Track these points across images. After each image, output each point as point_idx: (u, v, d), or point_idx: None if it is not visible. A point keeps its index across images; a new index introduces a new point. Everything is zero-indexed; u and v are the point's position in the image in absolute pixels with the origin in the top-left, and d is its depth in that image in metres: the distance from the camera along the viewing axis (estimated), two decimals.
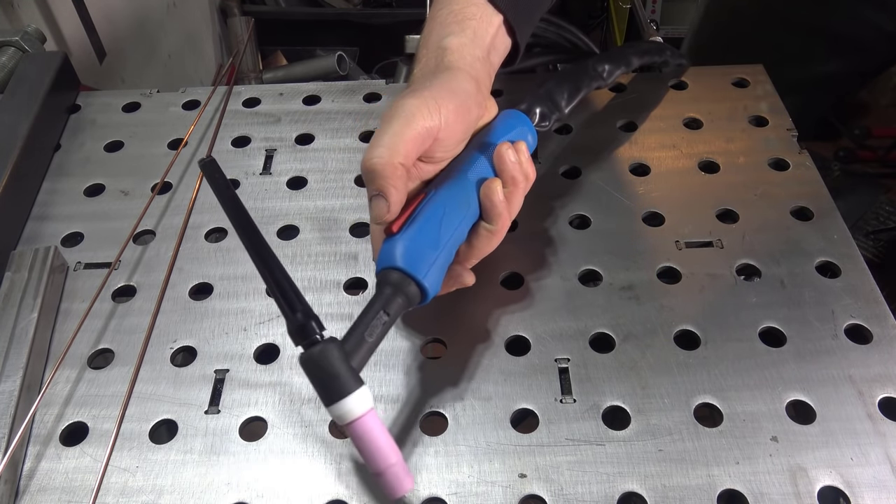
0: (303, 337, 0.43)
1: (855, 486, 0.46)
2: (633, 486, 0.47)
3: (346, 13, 1.78)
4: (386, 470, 0.43)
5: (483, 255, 0.51)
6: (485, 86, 0.52)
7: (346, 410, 0.42)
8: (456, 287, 0.52)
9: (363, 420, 0.42)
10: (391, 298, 0.46)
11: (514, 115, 0.56)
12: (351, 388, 0.42)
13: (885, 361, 0.52)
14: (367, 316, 0.45)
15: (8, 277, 0.58)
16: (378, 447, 0.43)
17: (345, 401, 0.42)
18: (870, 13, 0.87)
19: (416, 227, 0.47)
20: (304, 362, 0.43)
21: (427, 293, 0.47)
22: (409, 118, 0.46)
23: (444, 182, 0.50)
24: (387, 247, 0.47)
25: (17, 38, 0.77)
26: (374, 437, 0.43)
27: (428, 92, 0.48)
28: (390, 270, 0.46)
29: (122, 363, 0.55)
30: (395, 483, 0.43)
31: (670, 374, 0.52)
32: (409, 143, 0.46)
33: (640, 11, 1.55)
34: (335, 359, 0.42)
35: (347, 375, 0.42)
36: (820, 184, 0.65)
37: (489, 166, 0.51)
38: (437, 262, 0.47)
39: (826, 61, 0.93)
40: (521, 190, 0.51)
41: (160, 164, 0.69)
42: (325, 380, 0.42)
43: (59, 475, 0.49)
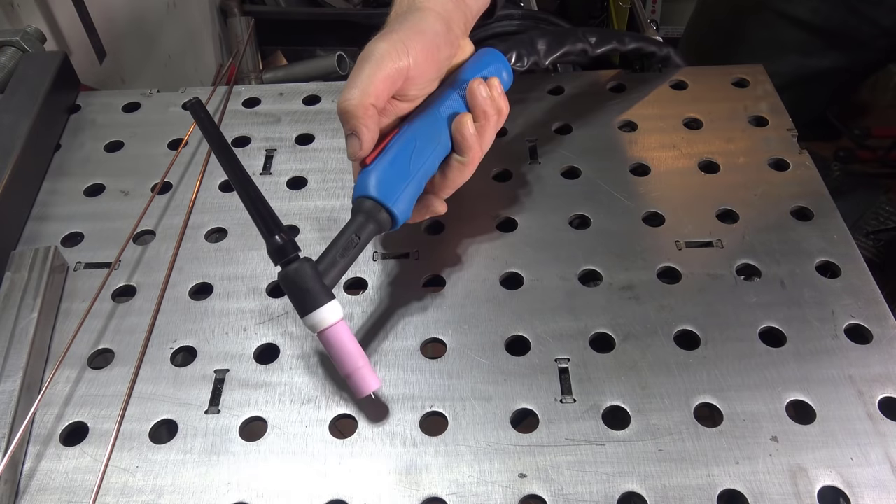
0: (281, 256, 0.49)
1: (855, 486, 0.46)
2: (633, 486, 0.47)
3: (346, 13, 1.78)
4: (354, 372, 0.49)
5: (456, 186, 0.55)
6: (457, 26, 0.54)
7: (318, 320, 0.48)
8: (428, 215, 0.56)
9: (333, 329, 0.49)
10: (364, 224, 0.51)
11: (489, 52, 0.59)
12: (322, 301, 0.48)
13: (885, 361, 0.52)
14: (340, 239, 0.50)
15: (8, 277, 0.58)
16: (347, 352, 0.49)
17: (317, 311, 0.48)
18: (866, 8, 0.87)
19: (388, 160, 0.52)
20: (282, 279, 0.49)
21: (397, 219, 0.52)
22: (378, 60, 0.50)
23: (416, 117, 0.54)
24: (361, 178, 0.51)
25: (17, 38, 0.77)
26: (343, 343, 0.49)
27: (396, 34, 0.51)
28: (363, 199, 0.51)
29: (122, 363, 0.55)
30: (362, 383, 0.49)
31: (670, 374, 0.52)
32: (379, 85, 0.50)
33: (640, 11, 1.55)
34: (309, 276, 0.48)
35: (319, 290, 0.48)
36: (820, 184, 0.65)
37: (462, 102, 0.54)
38: (407, 191, 0.52)
39: (823, 56, 0.93)
40: (493, 124, 0.54)
41: (160, 164, 0.69)
42: (299, 294, 0.48)
43: (59, 475, 0.49)
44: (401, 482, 0.48)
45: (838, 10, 0.89)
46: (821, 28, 0.91)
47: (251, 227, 0.63)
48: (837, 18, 0.90)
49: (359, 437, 0.50)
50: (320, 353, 0.55)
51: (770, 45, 0.94)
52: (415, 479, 0.48)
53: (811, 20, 0.90)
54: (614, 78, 0.76)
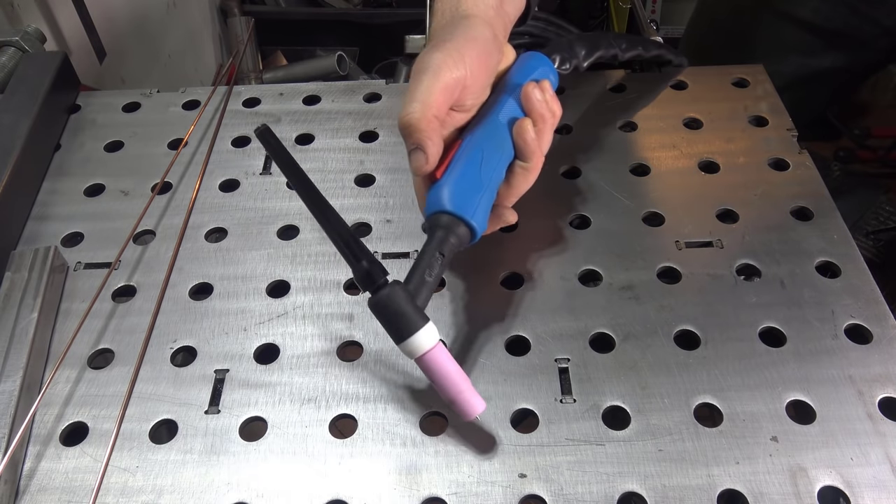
0: (370, 282, 0.47)
1: (855, 486, 0.46)
2: (633, 486, 0.47)
3: (346, 13, 1.78)
4: (458, 395, 0.47)
5: (521, 192, 0.54)
6: (500, 32, 0.54)
7: (416, 346, 0.46)
8: (500, 225, 0.55)
9: (433, 353, 0.47)
10: (444, 239, 0.49)
11: (535, 56, 0.58)
12: (419, 325, 0.46)
13: (885, 361, 0.52)
14: (424, 258, 0.49)
15: (8, 277, 0.58)
16: (448, 376, 0.47)
17: (414, 337, 0.46)
18: (867, 8, 0.87)
19: (458, 172, 0.50)
20: (374, 305, 0.47)
21: (476, 232, 0.50)
22: (436, 71, 0.49)
23: (477, 127, 0.53)
24: (434, 192, 0.50)
25: (17, 38, 0.77)
26: (443, 367, 0.47)
27: (450, 44, 0.50)
28: (440, 214, 0.50)
29: (122, 363, 0.55)
30: (467, 407, 0.47)
31: (670, 374, 0.52)
32: (439, 96, 0.49)
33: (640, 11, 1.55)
34: (401, 299, 0.46)
35: (414, 314, 0.46)
36: (820, 184, 0.65)
37: (517, 107, 0.53)
38: (482, 202, 0.51)
39: (823, 56, 0.93)
40: (550, 126, 0.53)
41: (160, 164, 0.69)
42: (394, 319, 0.47)
43: (59, 475, 0.49)
44: (401, 482, 0.48)
45: (839, 10, 0.89)
46: (821, 28, 0.91)
47: (251, 226, 0.64)
48: (838, 18, 0.90)
49: (359, 437, 0.50)
50: (320, 353, 0.55)
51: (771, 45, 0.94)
52: (415, 479, 0.48)
53: (812, 20, 0.90)
54: (614, 78, 0.76)
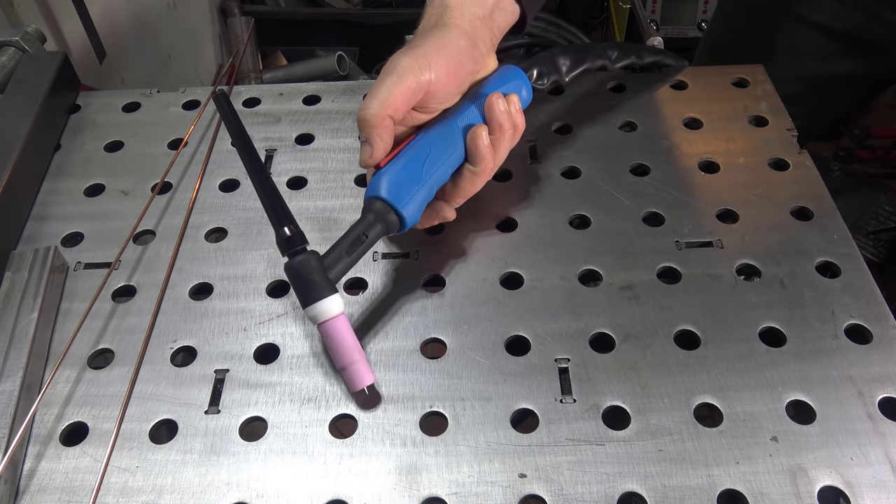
0: (288, 247, 0.50)
1: (855, 486, 0.46)
2: (633, 486, 0.47)
3: (346, 13, 1.78)
4: (349, 365, 0.50)
5: (466, 195, 0.56)
6: (483, 43, 0.56)
7: (319, 311, 0.49)
8: (437, 221, 0.57)
9: (333, 321, 0.50)
10: (372, 223, 0.52)
11: (511, 69, 0.60)
12: (325, 294, 0.49)
13: (885, 361, 0.52)
14: (347, 236, 0.51)
15: (8, 277, 0.58)
16: (344, 345, 0.50)
17: (319, 303, 0.49)
18: (886, 13, 0.86)
19: (401, 164, 0.53)
20: (287, 269, 0.50)
21: (405, 222, 0.53)
22: (400, 74, 0.51)
23: (432, 126, 0.55)
24: (373, 179, 0.53)
25: (17, 38, 0.77)
26: (341, 336, 0.50)
27: (419, 49, 0.52)
28: (374, 199, 0.52)
29: (122, 363, 0.55)
30: (356, 377, 0.50)
31: (670, 374, 0.52)
32: (399, 97, 0.51)
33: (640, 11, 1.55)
34: (313, 268, 0.49)
35: (323, 283, 0.49)
36: (820, 184, 0.65)
37: (479, 115, 0.55)
38: (418, 196, 0.53)
39: (842, 61, 0.92)
40: (508, 138, 0.55)
41: (160, 164, 0.69)
42: (303, 285, 0.50)
43: (59, 475, 0.49)
44: (401, 482, 0.48)
45: (856, 14, 0.88)
46: (839, 33, 0.90)
47: (251, 226, 0.64)
48: (856, 23, 0.89)
49: (359, 437, 0.50)
50: (320, 353, 0.55)
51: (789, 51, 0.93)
52: (415, 479, 0.48)
53: (830, 25, 0.89)
54: (614, 78, 0.76)
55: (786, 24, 0.93)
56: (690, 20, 1.75)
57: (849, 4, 0.87)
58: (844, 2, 0.87)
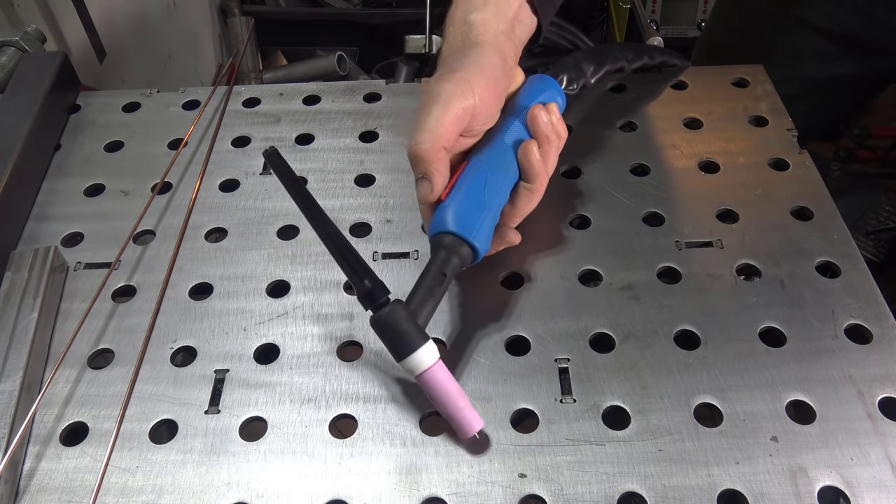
0: (371, 301, 0.48)
1: (855, 486, 0.46)
2: (633, 486, 0.47)
3: (346, 13, 1.78)
4: (457, 413, 0.48)
5: (525, 213, 0.55)
6: (510, 57, 0.55)
7: (416, 363, 0.48)
8: (503, 246, 0.56)
9: (432, 370, 0.48)
10: (447, 259, 0.50)
11: (542, 79, 0.59)
12: (419, 343, 0.47)
13: (885, 361, 0.52)
14: (427, 277, 0.50)
15: (8, 277, 0.58)
16: (448, 393, 0.48)
17: (414, 354, 0.47)
18: (884, 14, 0.86)
19: (462, 194, 0.52)
20: (375, 323, 0.48)
21: (478, 252, 0.51)
22: (446, 102, 0.50)
23: (483, 149, 0.54)
24: (438, 214, 0.51)
25: (17, 38, 0.77)
26: (443, 384, 0.48)
27: (460, 73, 0.51)
28: (443, 235, 0.51)
29: (122, 363, 0.55)
30: (466, 424, 0.48)
31: (670, 374, 0.52)
32: (448, 126, 0.50)
33: (640, 11, 1.55)
34: (402, 318, 0.48)
35: (415, 332, 0.48)
36: (820, 184, 0.65)
37: (524, 129, 0.54)
38: (485, 223, 0.52)
39: (841, 63, 0.92)
40: (555, 148, 0.54)
41: (160, 164, 0.69)
42: (394, 338, 0.48)
43: (59, 475, 0.49)
44: (401, 482, 0.48)
45: (855, 16, 0.88)
46: (838, 34, 0.90)
47: (251, 226, 0.64)
48: (854, 25, 0.89)
49: (359, 437, 0.50)
50: (320, 353, 0.55)
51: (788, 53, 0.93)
52: (415, 479, 0.48)
53: (828, 27, 0.89)
54: (614, 78, 0.76)
55: (784, 26, 0.93)
56: (690, 20, 1.75)
57: (846, 6, 0.88)
58: (842, 3, 0.87)
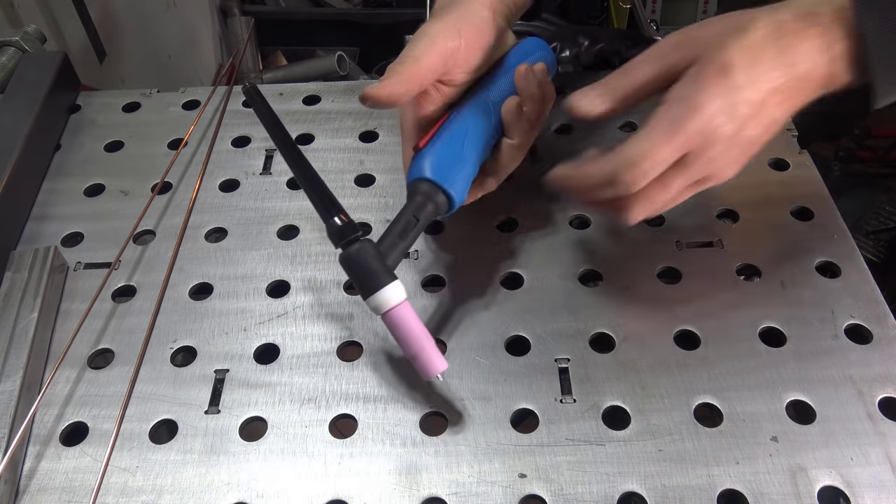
0: (341, 237, 0.48)
1: (855, 486, 0.46)
2: (633, 486, 0.47)
3: (346, 13, 1.78)
4: (420, 353, 0.48)
5: (508, 169, 0.56)
6: (501, 16, 0.55)
7: (382, 301, 0.47)
8: (481, 193, 0.57)
9: (398, 309, 0.47)
10: (422, 205, 0.51)
11: (533, 41, 0.60)
12: (386, 282, 0.47)
13: (885, 361, 0.52)
14: (399, 220, 0.50)
15: (8, 277, 0.58)
16: (412, 333, 0.48)
17: (381, 292, 0.47)
18: None
19: (442, 143, 0.52)
20: (344, 260, 0.48)
21: (454, 201, 0.52)
22: (432, 38, 0.51)
23: (466, 103, 0.54)
24: (416, 161, 0.52)
25: (17, 38, 0.77)
26: (408, 324, 0.48)
27: (448, 17, 0.52)
28: (420, 181, 0.51)
29: (122, 363, 0.55)
30: (429, 364, 0.48)
31: (670, 374, 0.52)
32: (433, 57, 0.51)
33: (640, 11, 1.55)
34: (371, 256, 0.47)
35: (382, 271, 0.47)
36: (820, 184, 0.65)
37: (510, 87, 0.55)
38: (463, 174, 0.52)
39: None
40: (541, 106, 0.54)
41: (160, 164, 0.69)
42: (362, 275, 0.48)
43: (59, 475, 0.49)
44: (401, 482, 0.48)
45: None
46: None
47: (251, 226, 0.64)
48: None
49: (359, 437, 0.50)
50: (320, 353, 0.55)
51: None
52: (415, 479, 0.48)
53: None
54: None
55: None
56: (690, 20, 1.75)
57: None
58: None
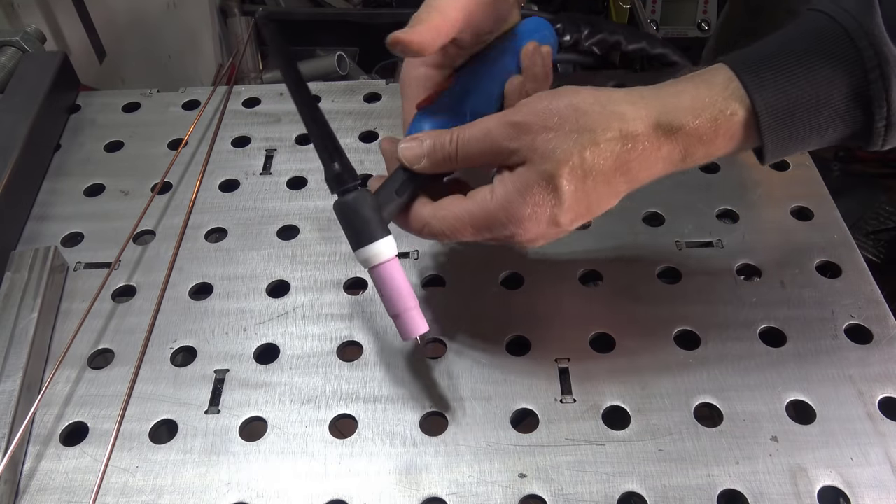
0: (338, 184, 0.46)
1: (855, 486, 0.46)
2: (633, 486, 0.47)
3: (346, 13, 1.78)
4: (403, 312, 0.47)
5: None
6: None
7: (371, 255, 0.46)
8: None
9: (386, 265, 0.46)
10: None
11: (537, 20, 0.59)
12: (378, 235, 0.46)
13: (885, 361, 0.52)
14: (396, 175, 0.48)
15: (8, 277, 0.58)
16: (398, 291, 0.47)
17: (371, 245, 0.46)
18: None
19: (444, 106, 0.52)
20: (339, 208, 0.47)
21: None
22: None
23: (470, 72, 0.54)
24: (415, 122, 0.52)
25: (17, 38, 0.77)
26: (395, 281, 0.47)
27: None
28: None
29: (122, 363, 0.55)
30: (411, 325, 0.47)
31: (670, 374, 0.52)
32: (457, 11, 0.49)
33: (641, 11, 1.55)
34: (366, 207, 0.46)
35: (376, 223, 0.46)
36: (820, 184, 0.65)
37: (514, 61, 0.54)
38: None
39: None
40: (542, 88, 0.54)
41: (160, 164, 0.69)
42: (355, 225, 0.46)
43: (59, 475, 0.49)
44: (401, 482, 0.48)
45: None
46: None
47: (251, 226, 0.64)
48: None
49: (359, 437, 0.50)
50: (320, 353, 0.55)
51: None
52: (415, 479, 0.48)
53: None
54: (614, 78, 0.76)
55: None
56: (690, 20, 1.75)
57: None
58: None
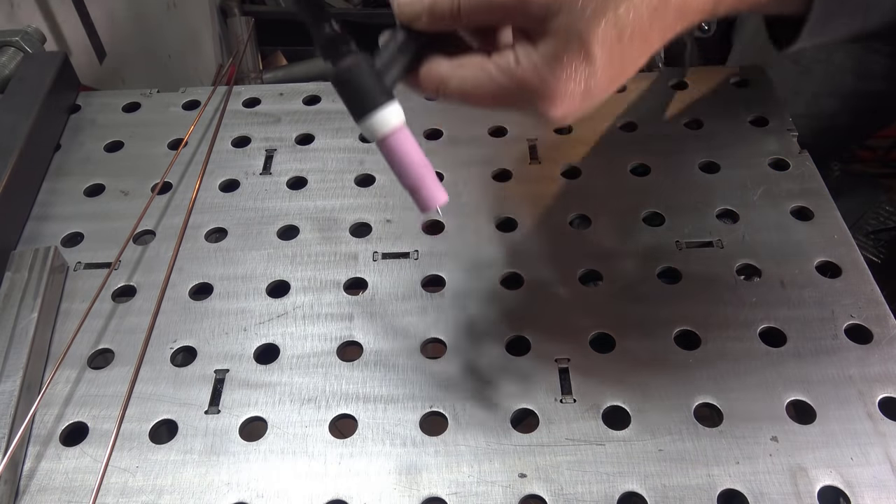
0: (333, 50, 0.40)
1: (855, 486, 0.46)
2: (633, 486, 0.47)
3: (346, 13, 1.78)
4: (421, 182, 0.41)
5: None
6: None
7: (379, 123, 0.40)
8: None
9: (396, 135, 0.40)
10: None
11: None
12: (383, 101, 0.40)
13: (885, 361, 0.52)
14: (396, 34, 0.42)
15: (8, 277, 0.58)
16: (412, 160, 0.41)
17: (378, 113, 0.40)
18: None
19: None
20: (335, 76, 0.40)
21: None
22: None
23: None
24: None
25: (17, 38, 0.77)
26: (408, 150, 0.41)
27: None
28: None
29: (122, 363, 0.55)
30: (429, 196, 0.41)
31: (670, 374, 0.52)
32: None
33: None
34: (366, 72, 0.40)
35: (380, 89, 0.40)
36: (820, 184, 0.65)
37: None
38: None
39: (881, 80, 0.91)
40: None
41: (160, 164, 0.69)
42: (356, 93, 0.40)
43: (59, 475, 0.49)
44: (401, 482, 0.48)
45: None
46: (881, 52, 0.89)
47: (251, 226, 0.64)
48: None
49: (359, 437, 0.50)
50: (320, 353, 0.55)
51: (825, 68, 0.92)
52: (415, 479, 0.48)
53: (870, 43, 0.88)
54: None
55: None
56: None
57: None
58: None
